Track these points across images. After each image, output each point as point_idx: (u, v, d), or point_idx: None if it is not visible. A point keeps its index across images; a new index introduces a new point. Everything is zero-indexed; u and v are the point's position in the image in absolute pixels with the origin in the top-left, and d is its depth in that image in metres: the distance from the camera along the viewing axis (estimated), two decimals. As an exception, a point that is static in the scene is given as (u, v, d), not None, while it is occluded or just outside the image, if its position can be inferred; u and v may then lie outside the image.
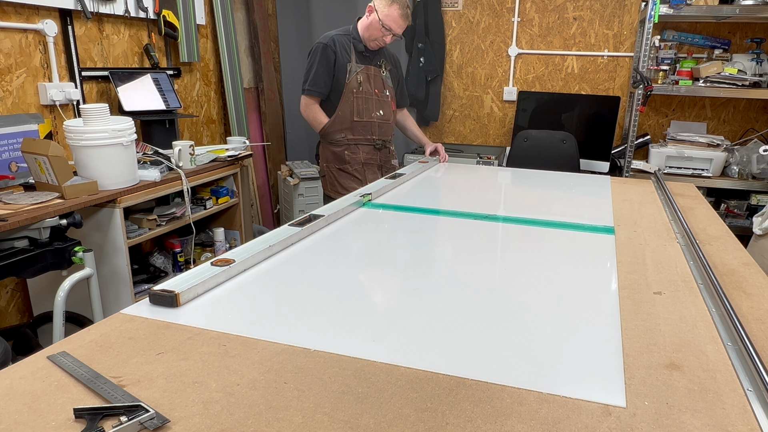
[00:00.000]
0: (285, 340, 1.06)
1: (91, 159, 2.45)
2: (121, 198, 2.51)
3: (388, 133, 3.12)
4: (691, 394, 0.92)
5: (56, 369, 0.94)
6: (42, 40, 2.77)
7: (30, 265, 2.19)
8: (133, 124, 2.56)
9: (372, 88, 3.02)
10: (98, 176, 2.47)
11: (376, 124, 3.04)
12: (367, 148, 3.06)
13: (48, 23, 2.76)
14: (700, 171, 3.99)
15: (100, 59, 3.13)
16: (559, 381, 0.95)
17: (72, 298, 2.27)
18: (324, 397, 0.88)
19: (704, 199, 2.37)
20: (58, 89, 2.82)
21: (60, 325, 2.23)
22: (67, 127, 2.44)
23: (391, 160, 3.18)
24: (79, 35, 2.97)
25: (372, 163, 3.09)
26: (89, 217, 2.56)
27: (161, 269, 3.13)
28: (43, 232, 2.20)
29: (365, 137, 3.03)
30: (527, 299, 1.29)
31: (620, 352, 1.05)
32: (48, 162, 2.28)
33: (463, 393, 0.90)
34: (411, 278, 1.41)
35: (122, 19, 3.25)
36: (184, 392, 0.88)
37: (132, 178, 2.60)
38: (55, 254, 2.23)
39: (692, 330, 1.15)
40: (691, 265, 1.53)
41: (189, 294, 1.22)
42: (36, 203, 2.22)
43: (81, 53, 2.99)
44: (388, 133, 3.12)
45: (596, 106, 4.33)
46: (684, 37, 4.17)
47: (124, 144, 2.49)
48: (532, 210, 2.09)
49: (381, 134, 3.07)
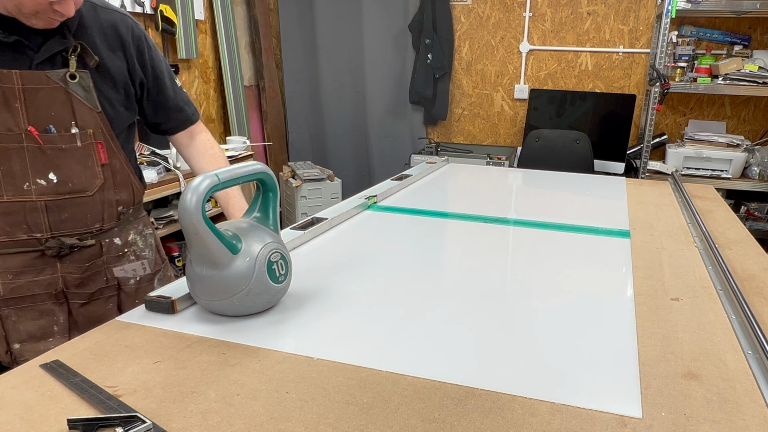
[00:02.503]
0: (287, 348, 1.06)
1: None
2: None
3: (85, 217, 1.53)
4: (710, 404, 0.91)
5: (49, 378, 0.95)
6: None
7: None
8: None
9: (19, 120, 1.41)
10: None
11: (38, 206, 1.45)
12: (18, 259, 1.48)
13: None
14: (719, 172, 3.98)
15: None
16: (572, 391, 0.95)
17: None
18: (327, 407, 0.88)
19: (723, 201, 2.36)
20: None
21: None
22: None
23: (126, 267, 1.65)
24: (73, 31, 2.99)
25: (39, 292, 1.51)
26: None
27: (158, 274, 3.14)
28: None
29: (10, 236, 1.45)
30: (539, 305, 1.28)
31: (636, 360, 1.05)
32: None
33: (472, 403, 0.90)
34: (418, 284, 1.41)
35: (118, 15, 3.27)
36: (182, 402, 0.89)
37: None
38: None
39: (711, 338, 1.14)
40: (709, 270, 1.52)
41: (187, 300, 1.23)
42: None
43: (75, 50, 3.00)
44: (85, 217, 1.53)
45: (611, 104, 4.32)
46: (702, 32, 4.16)
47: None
48: (544, 213, 2.09)
49: (57, 225, 1.48)
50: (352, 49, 4.96)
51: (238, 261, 1.11)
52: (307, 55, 5.12)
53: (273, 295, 1.18)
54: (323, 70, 5.07)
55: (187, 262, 1.15)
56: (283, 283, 1.19)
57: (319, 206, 4.32)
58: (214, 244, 1.09)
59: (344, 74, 5.06)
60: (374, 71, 4.95)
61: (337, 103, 5.13)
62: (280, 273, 1.17)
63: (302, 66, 5.16)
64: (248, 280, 1.12)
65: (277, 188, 1.24)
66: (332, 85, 5.10)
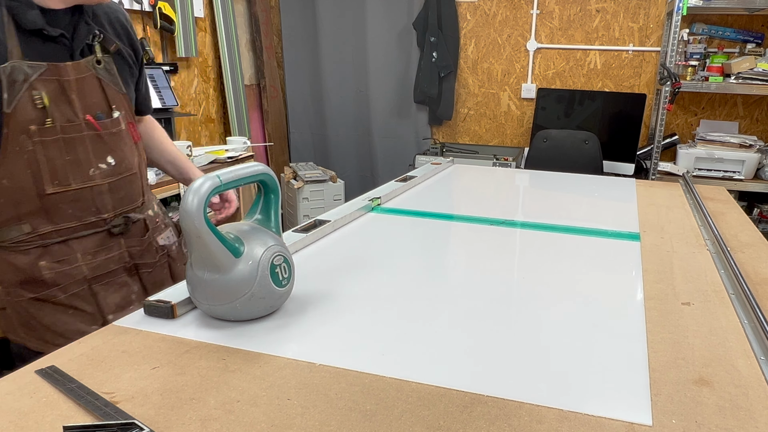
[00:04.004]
0: (288, 353, 1.06)
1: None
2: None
3: (134, 193, 1.70)
4: (722, 411, 0.91)
5: (45, 384, 0.95)
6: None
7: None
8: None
9: (77, 111, 1.51)
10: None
11: (104, 189, 1.60)
12: (92, 241, 1.60)
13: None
14: (731, 173, 3.98)
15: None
16: (580, 398, 0.94)
17: (62, 308, 2.28)
18: (330, 414, 0.88)
19: (736, 203, 2.36)
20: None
21: (49, 337, 2.23)
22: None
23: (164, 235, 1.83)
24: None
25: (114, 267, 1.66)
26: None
27: (157, 278, 3.14)
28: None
29: (82, 220, 1.57)
30: (546, 310, 1.28)
31: (646, 366, 1.05)
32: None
33: (478, 410, 0.90)
34: (423, 287, 1.41)
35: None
36: (181, 409, 0.89)
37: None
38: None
39: (723, 343, 1.14)
40: (721, 274, 1.52)
41: (186, 305, 1.23)
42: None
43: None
44: (134, 193, 1.70)
45: (620, 104, 4.32)
46: (714, 30, 4.16)
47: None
48: (551, 215, 2.09)
49: (117, 203, 1.64)
50: (355, 48, 4.97)
51: (240, 264, 1.11)
52: (309, 53, 5.12)
53: (276, 299, 1.18)
54: (325, 69, 5.07)
55: (188, 265, 1.16)
56: (286, 287, 1.19)
57: (321, 208, 4.33)
58: (215, 247, 1.09)
59: (347, 73, 5.06)
60: (378, 70, 4.96)
61: (340, 103, 5.14)
62: (283, 276, 1.17)
63: (304, 64, 5.17)
64: (251, 284, 1.12)
65: (279, 190, 1.24)
66: (335, 84, 5.11)
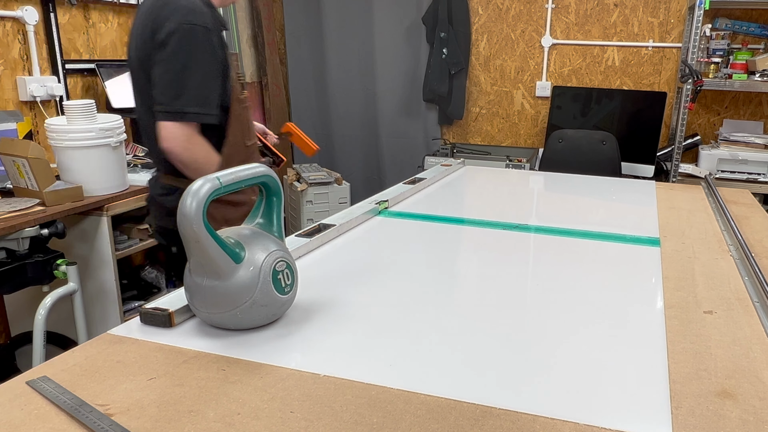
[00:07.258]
0: (291, 364, 1.06)
1: (76, 161, 2.48)
2: (109, 205, 2.54)
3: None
4: (746, 425, 0.91)
5: (36, 396, 0.95)
6: (21, 29, 2.81)
7: (7, 280, 2.21)
8: (123, 123, 2.59)
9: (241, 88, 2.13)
10: (83, 181, 2.50)
11: (256, 146, 2.29)
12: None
13: (28, 10, 2.81)
14: (756, 176, 3.97)
15: (86, 50, 3.17)
16: (597, 410, 0.94)
17: (54, 316, 2.29)
18: (335, 427, 0.89)
19: (761, 207, 2.35)
20: (39, 84, 2.86)
21: (40, 346, 2.25)
22: (49, 125, 2.47)
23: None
24: (62, 23, 3.02)
25: None
26: (73, 227, 2.59)
27: (154, 285, 3.16)
28: (22, 243, 2.23)
29: None
30: (562, 318, 1.28)
31: (666, 378, 1.05)
32: (27, 165, 2.31)
33: (490, 424, 0.90)
34: (432, 295, 1.41)
35: (110, 6, 3.30)
36: (179, 422, 0.89)
37: (121, 182, 2.63)
38: (35, 268, 2.26)
39: (747, 354, 1.14)
40: (746, 281, 1.52)
41: (185, 313, 1.23)
42: (14, 211, 2.25)
43: (64, 44, 3.03)
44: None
45: (640, 102, 4.32)
46: (738, 25, 4.15)
47: (113, 145, 2.52)
48: (567, 219, 2.09)
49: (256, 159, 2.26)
50: (362, 43, 4.97)
51: (241, 271, 1.11)
52: (313, 49, 5.13)
53: (278, 307, 1.18)
54: (330, 66, 5.08)
55: (186, 271, 1.16)
56: (289, 294, 1.19)
57: (326, 212, 4.33)
58: (215, 253, 1.09)
59: (353, 70, 5.07)
60: (385, 67, 4.96)
61: (346, 101, 5.14)
62: (286, 283, 1.18)
63: (308, 61, 5.18)
64: (252, 291, 1.12)
65: (281, 192, 1.24)
66: (340, 82, 5.11)
